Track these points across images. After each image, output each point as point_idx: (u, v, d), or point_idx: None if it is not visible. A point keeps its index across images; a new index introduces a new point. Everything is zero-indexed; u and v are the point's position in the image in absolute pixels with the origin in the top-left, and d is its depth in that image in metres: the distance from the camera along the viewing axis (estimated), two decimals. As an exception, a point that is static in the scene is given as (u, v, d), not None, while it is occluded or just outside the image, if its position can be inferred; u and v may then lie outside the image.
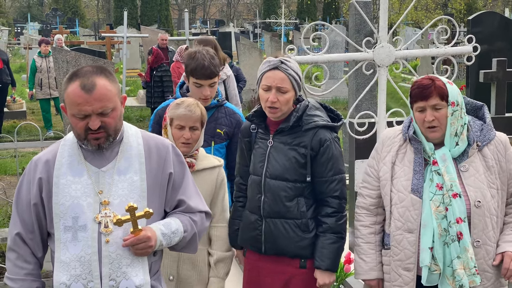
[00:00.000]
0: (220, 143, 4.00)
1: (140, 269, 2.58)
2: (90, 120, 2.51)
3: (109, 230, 2.54)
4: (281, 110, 3.25)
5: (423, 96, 3.00)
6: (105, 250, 2.54)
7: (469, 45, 4.17)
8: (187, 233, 2.74)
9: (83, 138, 2.56)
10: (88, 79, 2.50)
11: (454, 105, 3.01)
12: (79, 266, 2.53)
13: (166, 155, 2.73)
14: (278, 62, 3.23)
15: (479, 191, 3.02)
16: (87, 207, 2.55)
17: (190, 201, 2.78)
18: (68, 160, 2.61)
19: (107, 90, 2.52)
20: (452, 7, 29.89)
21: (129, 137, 2.69)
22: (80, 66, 2.63)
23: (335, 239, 3.28)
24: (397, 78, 20.86)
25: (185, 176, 2.80)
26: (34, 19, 46.22)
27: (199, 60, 3.92)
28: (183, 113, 3.37)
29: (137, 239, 2.53)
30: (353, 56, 4.20)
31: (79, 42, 24.34)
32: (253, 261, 3.44)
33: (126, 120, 2.60)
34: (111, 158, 2.62)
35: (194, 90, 3.97)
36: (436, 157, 3.05)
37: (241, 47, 16.97)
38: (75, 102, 2.49)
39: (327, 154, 3.25)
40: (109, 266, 2.54)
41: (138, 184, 2.62)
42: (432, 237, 3.01)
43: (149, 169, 2.66)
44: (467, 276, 2.98)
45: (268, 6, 52.51)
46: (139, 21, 45.80)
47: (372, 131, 4.23)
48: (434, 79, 3.04)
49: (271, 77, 3.22)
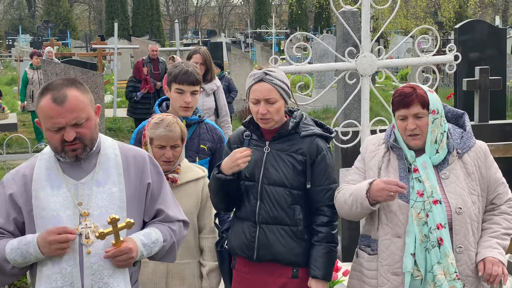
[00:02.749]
0: (204, 158, 4.02)
1: (121, 280, 2.60)
2: (64, 132, 2.53)
3: (90, 241, 2.55)
4: (273, 120, 3.29)
5: (404, 104, 3.04)
6: (86, 261, 2.55)
7: (450, 54, 4.23)
8: (166, 242, 2.76)
9: (60, 150, 2.58)
10: (59, 91, 2.52)
11: (435, 113, 3.06)
12: (60, 278, 2.54)
13: (143, 166, 2.75)
14: (262, 75, 3.27)
15: (460, 197, 3.06)
16: (67, 219, 2.56)
17: (168, 211, 2.81)
18: (46, 173, 2.62)
19: (79, 101, 2.54)
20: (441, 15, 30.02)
21: (106, 149, 2.70)
22: (50, 80, 2.66)
23: (330, 248, 3.30)
24: (388, 87, 20.96)
25: (162, 186, 2.83)
26: (26, 31, 46.15)
27: (183, 66, 3.99)
28: (163, 133, 3.37)
29: (119, 251, 2.54)
30: (336, 66, 4.25)
31: (70, 54, 24.35)
32: (243, 273, 3.42)
33: (117, 131, 2.64)
34: (89, 170, 2.64)
35: (175, 98, 3.98)
36: (417, 164, 3.09)
37: (232, 57, 17.01)
38: (48, 115, 2.52)
39: (324, 162, 3.29)
40: (91, 277, 2.55)
41: (117, 195, 2.64)
42: (414, 243, 3.05)
43: (128, 180, 2.68)
44: (447, 282, 3.01)
45: (259, 16, 52.62)
46: (130, 32, 45.84)
47: (356, 139, 4.28)
48: (415, 87, 3.08)
49: (258, 90, 3.26)
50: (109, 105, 16.69)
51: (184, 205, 3.41)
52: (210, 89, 6.39)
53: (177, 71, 3.98)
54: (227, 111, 6.58)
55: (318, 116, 14.82)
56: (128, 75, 22.44)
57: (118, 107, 16.91)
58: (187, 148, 3.95)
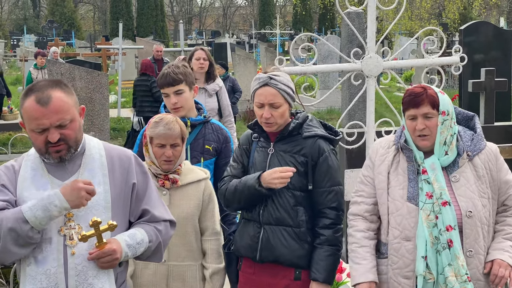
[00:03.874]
0: (209, 159, 4.00)
1: (106, 281, 2.60)
2: (48, 133, 2.52)
3: (74, 243, 2.55)
4: (276, 124, 3.29)
5: (414, 104, 3.03)
6: (71, 262, 2.55)
7: (456, 55, 4.22)
8: (152, 243, 2.76)
9: (44, 152, 2.57)
10: (43, 92, 2.52)
11: (445, 114, 3.04)
12: (45, 279, 2.54)
13: (128, 166, 2.75)
14: (267, 79, 3.26)
15: (470, 201, 3.04)
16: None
17: (154, 211, 2.80)
18: (31, 174, 2.62)
19: (63, 102, 2.54)
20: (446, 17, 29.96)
21: (91, 149, 2.70)
22: (34, 81, 2.64)
23: (332, 251, 3.28)
24: (392, 88, 20.94)
25: (148, 186, 2.82)
26: (30, 31, 46.28)
27: (164, 70, 4.01)
28: (162, 131, 3.36)
29: (102, 253, 2.54)
30: (341, 67, 4.25)
31: (75, 54, 24.41)
32: (248, 274, 3.43)
33: (122, 132, 2.62)
34: (74, 171, 2.64)
35: (165, 102, 4.02)
36: (425, 166, 3.07)
37: (237, 58, 17.02)
38: (32, 116, 2.51)
39: (325, 164, 3.28)
40: (75, 278, 2.55)
41: (102, 195, 2.63)
42: (425, 246, 3.03)
43: (113, 180, 2.68)
44: (458, 284, 2.99)
45: (263, 17, 52.68)
46: (135, 32, 45.90)
47: (361, 140, 4.27)
48: (426, 87, 3.07)
49: (262, 94, 3.26)
50: (113, 105, 16.70)
51: (185, 207, 3.41)
52: (212, 90, 6.40)
53: (158, 77, 4.02)
54: (230, 111, 6.58)
55: (322, 117, 14.82)
56: (132, 76, 22.52)
57: (122, 107, 16.94)
58: (192, 149, 3.94)
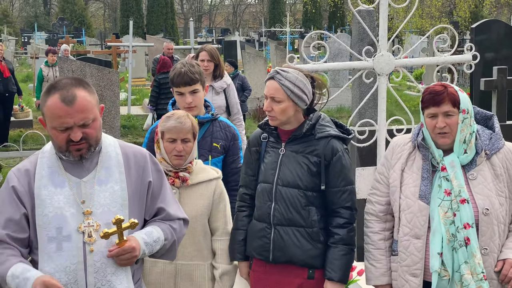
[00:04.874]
0: (217, 156, 4.01)
1: (124, 277, 2.62)
2: (71, 132, 2.53)
3: (92, 240, 2.57)
4: (277, 119, 3.29)
5: (435, 102, 3.03)
6: (89, 259, 2.56)
7: (468, 53, 4.20)
8: (167, 241, 2.78)
9: (64, 150, 2.58)
10: (67, 91, 2.52)
11: (465, 112, 3.04)
12: (65, 276, 2.54)
13: (144, 164, 2.76)
14: (274, 73, 3.29)
15: (487, 199, 3.04)
16: (71, 218, 2.57)
17: (169, 209, 2.82)
18: (48, 172, 2.62)
19: (87, 102, 2.55)
20: (457, 15, 29.84)
21: (107, 147, 2.71)
22: (56, 79, 2.62)
23: (347, 250, 3.28)
24: (402, 86, 20.87)
25: (163, 184, 2.84)
26: (41, 28, 46.41)
27: (177, 68, 4.01)
28: (173, 125, 3.36)
29: (122, 250, 2.56)
30: (353, 65, 4.23)
31: (85, 51, 24.45)
32: (260, 273, 3.42)
33: (132, 129, 2.62)
34: (91, 169, 2.65)
35: (178, 101, 4.02)
36: (445, 163, 3.07)
37: (247, 55, 17.02)
38: (56, 114, 2.51)
39: (339, 164, 3.27)
40: (94, 275, 2.56)
41: (119, 193, 2.65)
42: (441, 243, 3.03)
43: (129, 178, 2.69)
44: (474, 282, 2.98)
45: (273, 14, 52.65)
46: (145, 30, 45.97)
47: (373, 139, 4.26)
48: (446, 86, 3.07)
49: (267, 87, 3.30)
50: (124, 102, 16.73)
51: (195, 206, 3.40)
52: (219, 87, 6.36)
53: (172, 74, 4.01)
54: (238, 109, 6.56)
55: (331, 115, 14.72)
56: (142, 73, 22.59)
57: (133, 104, 16.97)
58: (200, 147, 3.94)
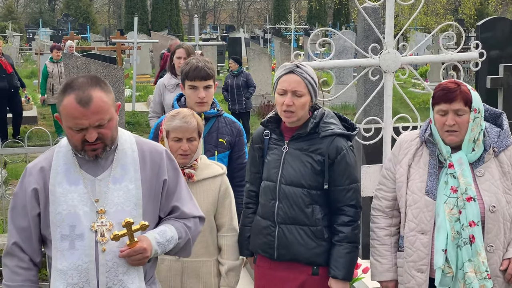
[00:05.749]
0: (223, 152, 4.02)
1: (136, 277, 2.61)
2: (87, 132, 2.51)
3: (105, 239, 2.56)
4: (296, 115, 3.25)
5: (447, 99, 3.01)
6: (102, 258, 2.55)
7: (475, 51, 4.18)
8: (181, 239, 2.76)
9: (80, 149, 2.57)
10: (83, 92, 2.49)
11: (476, 111, 3.03)
12: (77, 274, 2.54)
13: (160, 162, 2.73)
14: (293, 66, 3.25)
15: (494, 196, 3.03)
16: (84, 216, 2.56)
17: (184, 207, 2.80)
18: (63, 168, 2.61)
19: (103, 102, 2.52)
20: (462, 12, 29.75)
21: (123, 144, 2.68)
22: (73, 77, 2.59)
23: (351, 248, 3.28)
24: (407, 84, 20.82)
25: (178, 182, 2.81)
26: (46, 24, 46.44)
27: (193, 62, 4.00)
28: (179, 125, 3.35)
29: (133, 251, 2.55)
30: (359, 62, 4.22)
31: (90, 48, 24.45)
32: (264, 269, 3.42)
33: (136, 125, 2.61)
34: (106, 167, 2.63)
35: (189, 94, 4.00)
36: (452, 160, 3.06)
37: (251, 52, 17.00)
38: (72, 115, 2.49)
39: (344, 162, 3.26)
40: (106, 274, 2.56)
41: (134, 192, 2.63)
42: (445, 239, 3.02)
43: (144, 176, 2.67)
44: (478, 280, 2.98)
45: (278, 11, 52.55)
46: (149, 26, 45.95)
47: (378, 136, 4.25)
48: (459, 83, 3.05)
49: (286, 81, 3.24)
50: (128, 99, 16.72)
51: (200, 202, 3.37)
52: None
53: (188, 68, 4.00)
54: None
55: (336, 113, 14.72)
56: (147, 70, 22.58)
57: (137, 101, 16.97)
58: (206, 142, 3.95)
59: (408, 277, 3.16)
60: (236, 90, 11.82)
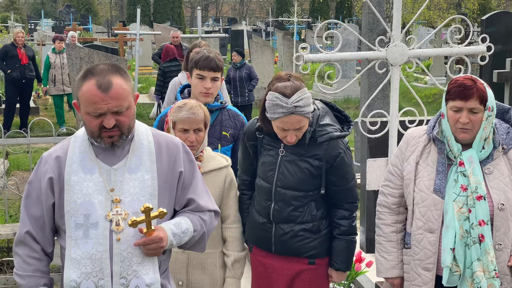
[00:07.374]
0: (227, 145, 3.99)
1: (150, 268, 2.57)
2: (105, 118, 2.50)
3: (120, 228, 2.53)
4: (299, 139, 3.25)
5: (463, 96, 2.94)
6: (116, 248, 2.52)
7: (482, 45, 4.14)
8: (196, 232, 2.73)
9: (96, 136, 2.55)
10: (104, 77, 2.49)
11: (490, 110, 2.97)
12: (90, 263, 2.51)
13: (176, 154, 2.71)
14: (292, 108, 3.11)
15: (503, 193, 3.00)
16: (99, 205, 2.54)
17: (199, 200, 2.77)
18: (79, 157, 2.59)
19: (123, 89, 2.51)
20: (465, 7, 29.69)
21: (139, 135, 2.67)
22: (93, 64, 2.60)
23: (351, 240, 3.36)
24: (409, 78, 20.78)
25: (194, 174, 2.78)
26: (48, 15, 46.39)
27: (204, 52, 3.96)
28: (186, 116, 3.33)
29: (149, 240, 2.51)
30: (366, 55, 4.19)
31: (92, 39, 24.40)
32: (260, 257, 3.46)
33: (138, 117, 2.59)
34: (122, 156, 2.61)
35: (196, 84, 3.95)
36: (463, 158, 3.02)
37: (254, 45, 16.97)
38: (91, 100, 2.48)
39: (343, 164, 3.27)
40: (120, 264, 2.52)
41: (149, 182, 2.60)
42: (454, 238, 2.99)
43: (160, 168, 2.65)
44: (486, 279, 2.96)
45: (280, 4, 52.42)
46: (152, 18, 45.89)
47: (384, 130, 4.22)
48: (475, 80, 2.98)
49: (288, 122, 3.16)
50: (130, 91, 16.71)
51: None
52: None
53: (198, 57, 3.95)
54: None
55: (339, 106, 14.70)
56: (149, 61, 22.53)
57: (139, 92, 16.96)
58: (209, 135, 3.92)
59: (415, 275, 3.14)
60: (238, 83, 11.75)
